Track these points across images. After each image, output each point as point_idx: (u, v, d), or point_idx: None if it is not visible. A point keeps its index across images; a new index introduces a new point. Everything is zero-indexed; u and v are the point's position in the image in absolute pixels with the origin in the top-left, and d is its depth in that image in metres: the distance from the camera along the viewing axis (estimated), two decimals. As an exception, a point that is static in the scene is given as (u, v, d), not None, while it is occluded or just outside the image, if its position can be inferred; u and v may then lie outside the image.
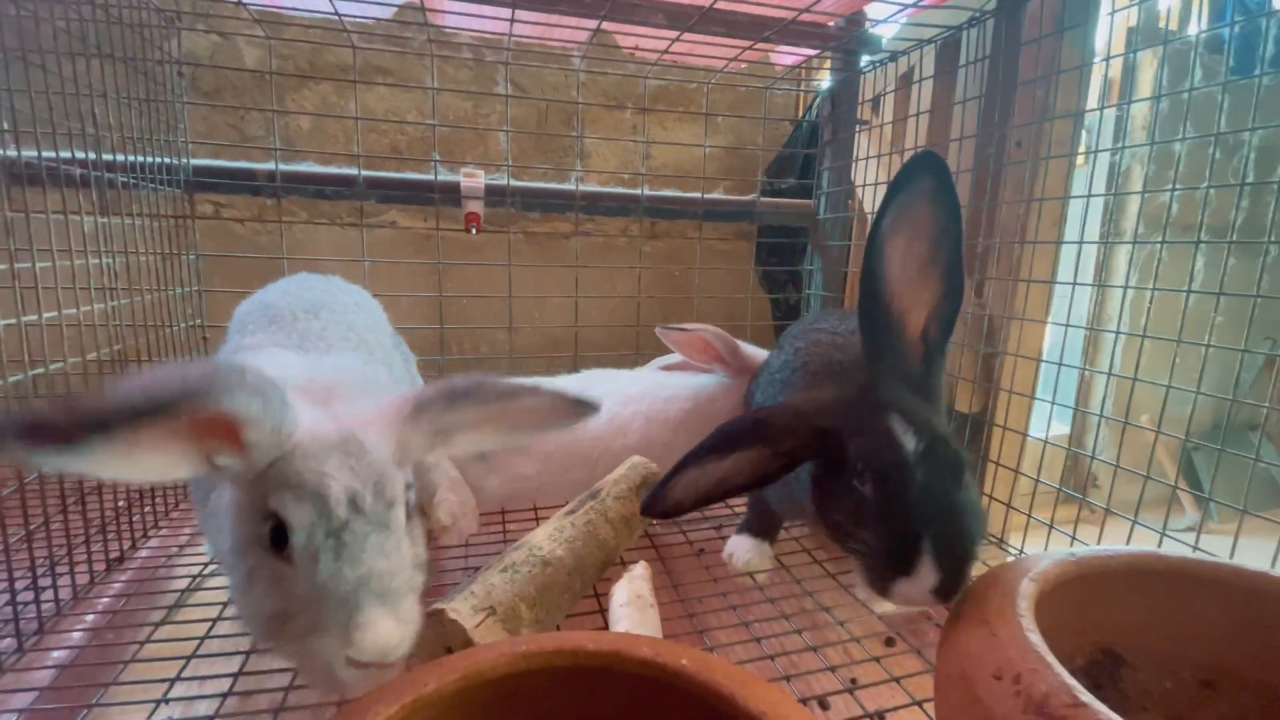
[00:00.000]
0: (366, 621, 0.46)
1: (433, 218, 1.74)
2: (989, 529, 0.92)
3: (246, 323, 0.77)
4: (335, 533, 0.48)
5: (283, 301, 0.78)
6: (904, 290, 0.61)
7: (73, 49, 0.90)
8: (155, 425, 0.42)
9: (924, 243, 0.60)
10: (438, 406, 0.55)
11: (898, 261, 0.60)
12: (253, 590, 0.50)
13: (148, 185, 1.07)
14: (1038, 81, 1.03)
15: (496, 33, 1.27)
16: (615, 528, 0.92)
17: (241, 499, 0.51)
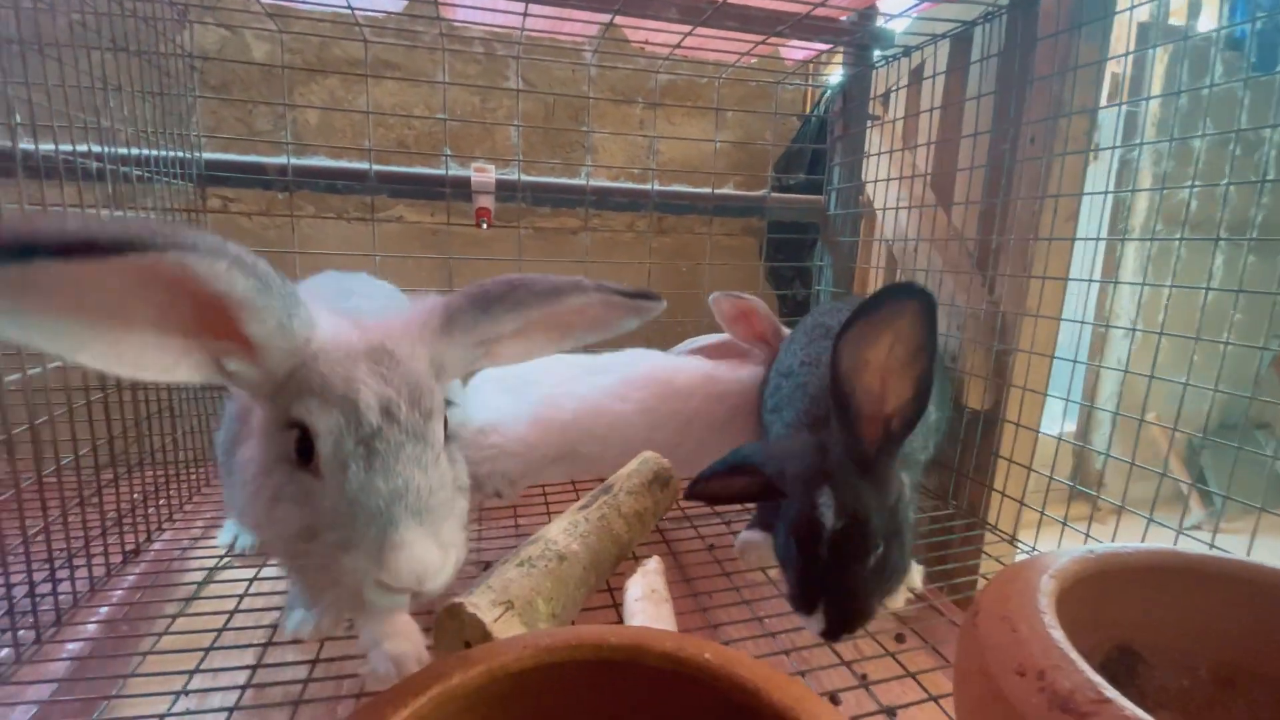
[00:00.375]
0: (401, 541, 0.41)
1: (440, 212, 1.74)
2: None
3: None
4: (366, 440, 0.43)
5: (317, 293, 0.78)
6: (878, 381, 0.68)
7: (88, 42, 0.90)
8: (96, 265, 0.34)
9: (905, 349, 0.67)
10: (471, 314, 0.50)
11: (881, 354, 0.67)
12: (277, 508, 0.45)
13: (161, 179, 1.07)
14: (1053, 77, 1.03)
15: (508, 26, 1.26)
16: (629, 522, 0.92)
17: (265, 413, 0.47)
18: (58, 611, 0.79)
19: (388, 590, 0.42)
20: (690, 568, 1.03)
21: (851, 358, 0.67)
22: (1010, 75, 1.11)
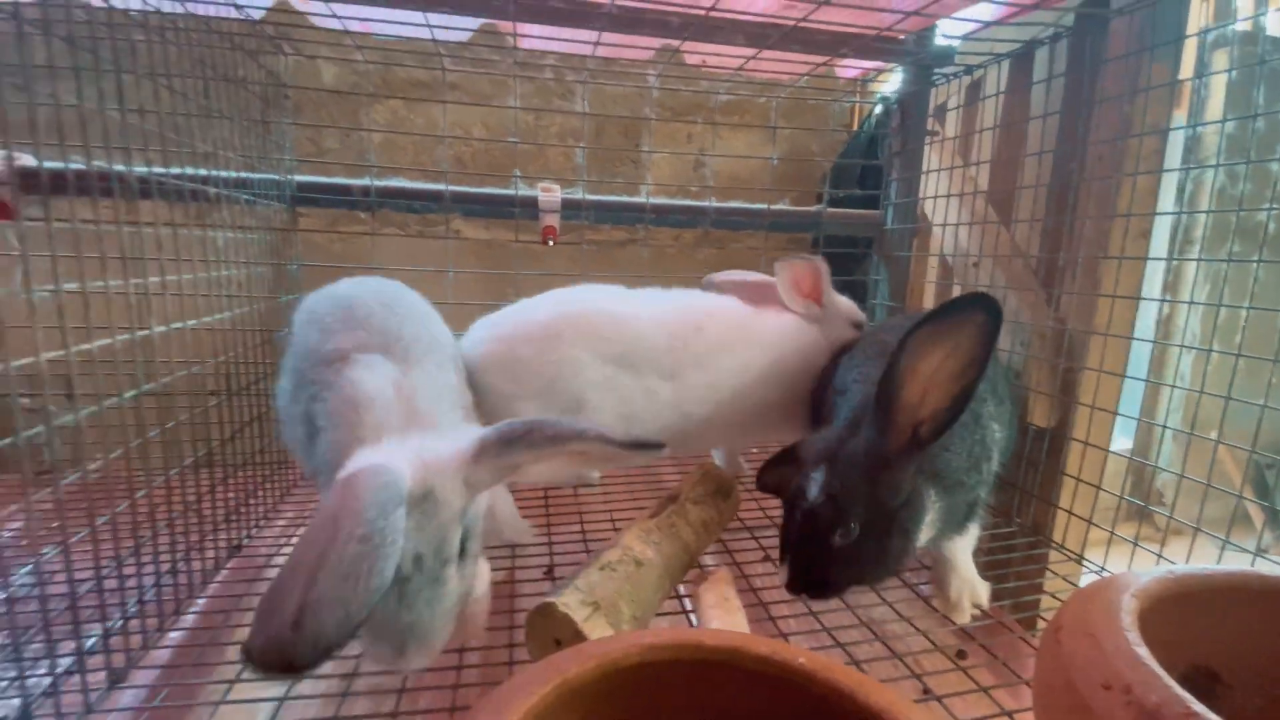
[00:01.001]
0: (407, 656, 0.61)
1: (495, 227, 1.81)
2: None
3: (324, 320, 0.79)
4: (400, 583, 0.59)
5: (358, 298, 0.82)
6: (920, 390, 0.71)
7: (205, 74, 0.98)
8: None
9: (958, 361, 0.69)
10: (497, 449, 0.64)
11: (932, 363, 0.70)
12: None
13: (263, 201, 1.16)
14: (1122, 98, 1.03)
15: (578, 53, 1.32)
16: (695, 531, 0.96)
17: None
18: (177, 601, 0.86)
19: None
20: (753, 578, 1.06)
21: (909, 360, 0.69)
22: (1078, 95, 1.12)
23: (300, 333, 0.83)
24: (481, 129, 2.11)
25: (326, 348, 0.75)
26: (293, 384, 0.79)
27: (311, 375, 0.74)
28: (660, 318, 1.08)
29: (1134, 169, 1.01)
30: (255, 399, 1.14)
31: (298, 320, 0.86)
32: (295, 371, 0.78)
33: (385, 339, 0.76)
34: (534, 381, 0.98)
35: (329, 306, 0.82)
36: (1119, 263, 1.02)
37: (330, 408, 0.70)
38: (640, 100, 2.05)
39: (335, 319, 0.79)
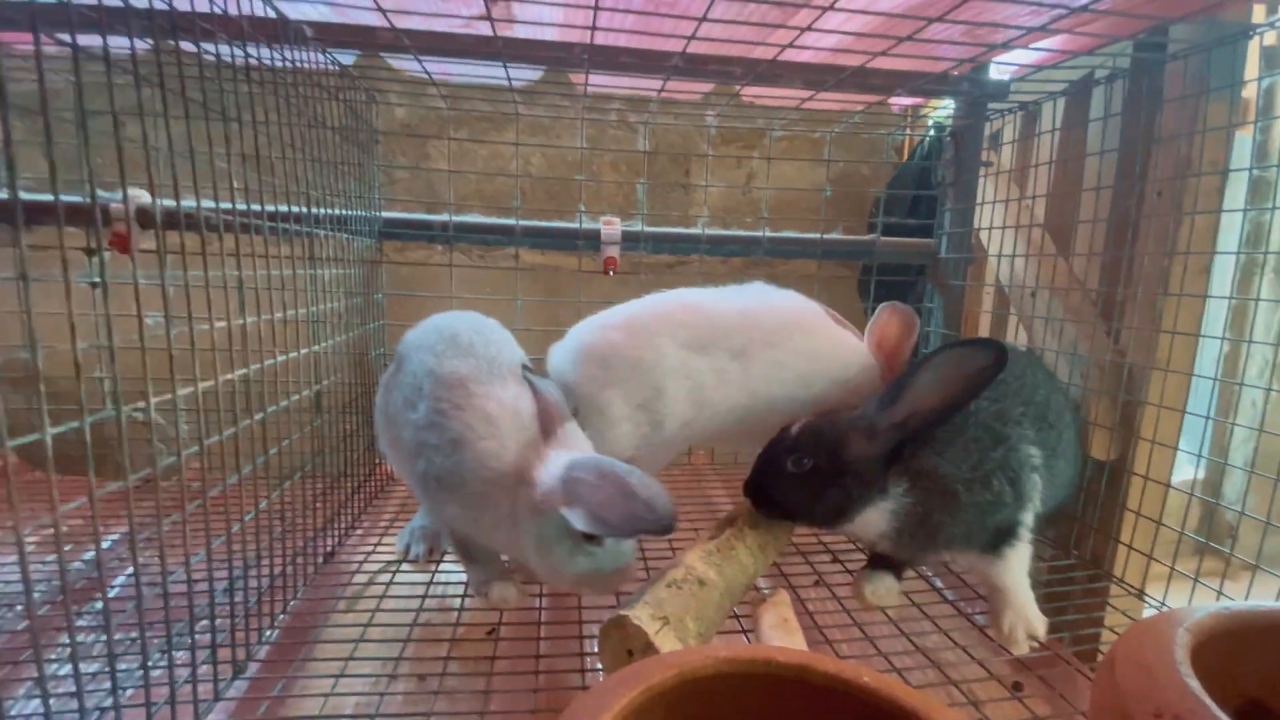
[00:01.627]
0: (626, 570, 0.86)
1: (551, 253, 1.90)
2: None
3: (435, 347, 0.93)
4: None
5: (459, 330, 0.97)
6: (926, 391, 0.84)
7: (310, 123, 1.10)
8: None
9: (954, 389, 0.83)
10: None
11: (940, 376, 0.84)
12: (573, 560, 0.82)
13: (359, 237, 1.28)
14: (1180, 138, 1.05)
15: (641, 97, 1.40)
16: (753, 554, 1.00)
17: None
18: (285, 602, 0.96)
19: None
20: (808, 601, 1.10)
21: (926, 368, 0.83)
22: (1135, 133, 1.13)
23: (413, 357, 0.95)
24: (540, 158, 2.22)
25: (445, 370, 0.89)
26: (411, 394, 0.91)
27: (433, 390, 0.88)
28: (736, 298, 1.14)
29: (1193, 207, 1.03)
30: (351, 416, 1.25)
31: (410, 346, 0.98)
32: (413, 386, 0.91)
33: (490, 365, 0.91)
34: (621, 369, 1.04)
35: (436, 337, 0.95)
36: (1179, 300, 1.03)
37: (470, 420, 0.85)
38: (694, 132, 2.13)
39: (445, 346, 0.93)
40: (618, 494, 0.76)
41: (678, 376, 1.05)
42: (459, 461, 0.85)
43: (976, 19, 0.96)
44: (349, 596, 1.04)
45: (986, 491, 0.85)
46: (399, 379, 0.97)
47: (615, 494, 0.76)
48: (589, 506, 0.76)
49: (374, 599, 1.00)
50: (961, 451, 0.86)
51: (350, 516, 1.26)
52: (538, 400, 0.89)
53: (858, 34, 1.09)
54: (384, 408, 1.02)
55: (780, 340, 1.09)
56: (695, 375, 1.06)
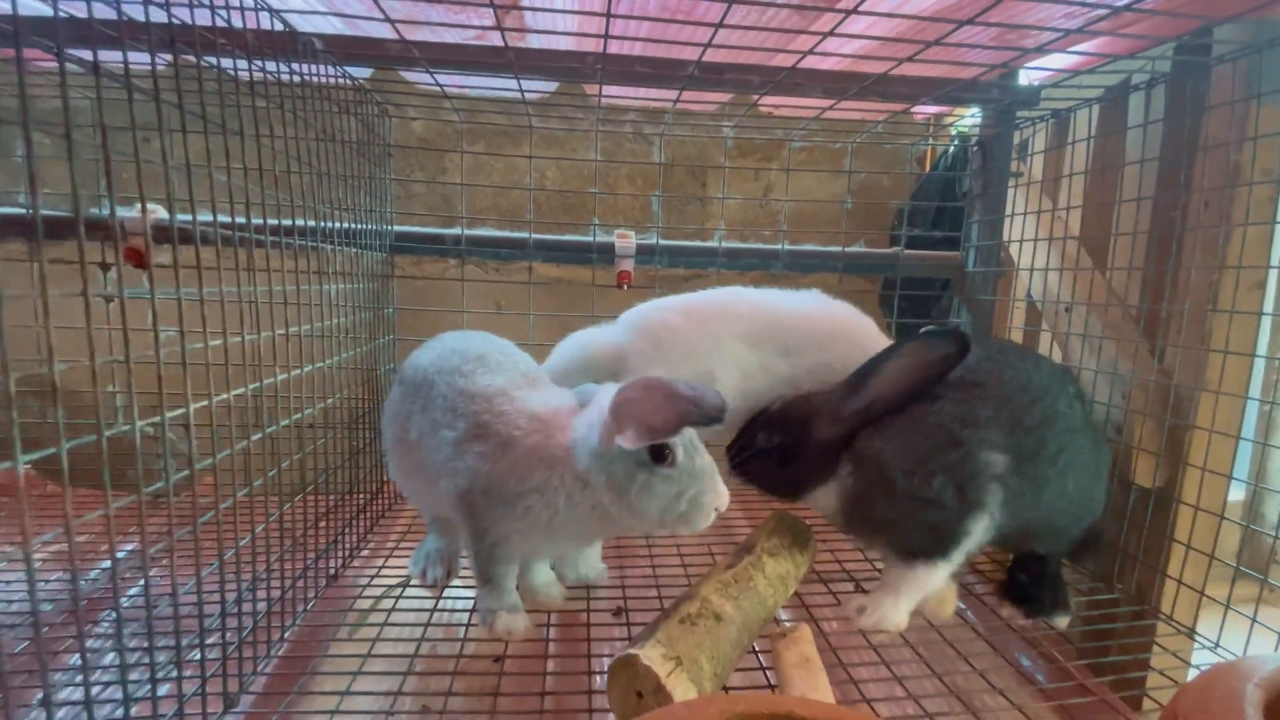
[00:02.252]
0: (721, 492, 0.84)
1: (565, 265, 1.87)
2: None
3: (463, 368, 0.93)
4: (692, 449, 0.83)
5: (485, 350, 0.96)
6: (891, 379, 0.88)
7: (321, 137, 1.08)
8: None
9: (917, 377, 0.88)
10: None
11: (898, 365, 0.88)
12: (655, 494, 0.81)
13: (369, 250, 1.26)
14: (1229, 145, 0.99)
15: (656, 109, 1.37)
16: (773, 585, 0.95)
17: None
18: (284, 629, 0.92)
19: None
20: (831, 635, 1.03)
21: (893, 356, 0.88)
22: (1179, 141, 1.07)
23: (438, 382, 0.94)
24: (555, 171, 2.20)
25: (479, 385, 0.90)
26: (442, 417, 0.90)
27: (469, 407, 0.88)
28: (794, 300, 1.17)
29: (1244, 219, 0.96)
30: (359, 432, 1.22)
31: (427, 371, 0.96)
32: (445, 409, 0.90)
33: (524, 377, 0.94)
34: (676, 350, 1.07)
35: (460, 360, 0.95)
36: (1230, 317, 0.97)
37: (517, 420, 0.86)
38: (711, 143, 2.10)
39: (474, 366, 0.93)
40: (663, 399, 0.75)
41: (729, 365, 1.08)
42: (512, 462, 0.84)
43: (1010, 21, 0.91)
44: (351, 624, 1.00)
45: (926, 488, 0.86)
46: (424, 405, 0.94)
47: (661, 400, 0.76)
48: (637, 421, 0.76)
49: (376, 625, 0.96)
50: (909, 444, 0.87)
51: (356, 536, 1.23)
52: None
53: (883, 38, 1.04)
54: (400, 436, 0.99)
55: (830, 345, 1.11)
56: (745, 366, 1.09)
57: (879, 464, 0.88)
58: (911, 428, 0.88)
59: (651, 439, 0.77)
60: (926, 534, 0.88)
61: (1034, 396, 0.89)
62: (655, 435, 0.77)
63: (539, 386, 0.93)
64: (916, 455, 0.86)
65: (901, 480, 0.86)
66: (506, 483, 0.84)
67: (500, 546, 0.88)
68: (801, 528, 1.06)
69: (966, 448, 0.85)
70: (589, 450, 0.81)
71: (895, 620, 0.93)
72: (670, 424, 0.76)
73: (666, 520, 0.83)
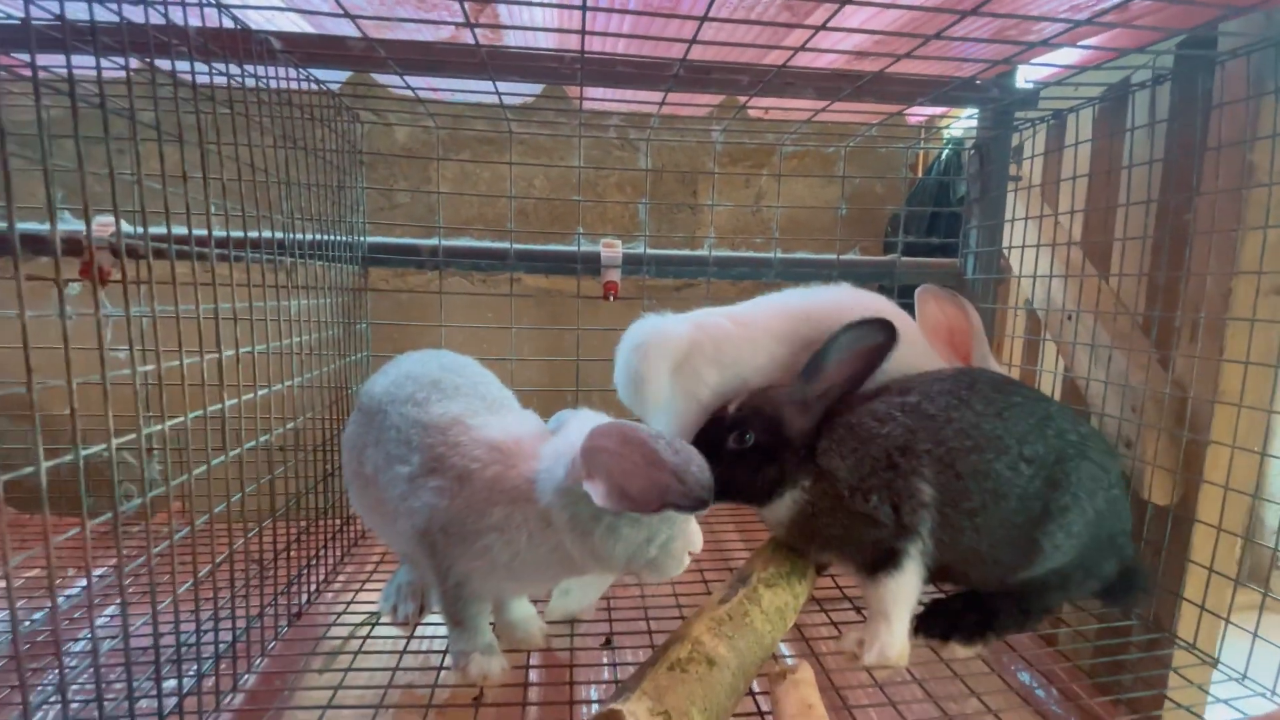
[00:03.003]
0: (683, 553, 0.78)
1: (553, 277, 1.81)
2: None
3: (416, 396, 0.86)
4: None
5: (440, 375, 0.89)
6: (837, 369, 0.92)
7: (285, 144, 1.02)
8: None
9: (858, 364, 0.93)
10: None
11: (840, 352, 0.92)
12: (619, 541, 0.74)
13: (338, 263, 1.19)
14: (1243, 144, 0.93)
15: (641, 112, 1.31)
16: (770, 620, 0.88)
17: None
18: (237, 677, 0.84)
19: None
20: (833, 672, 0.97)
21: (835, 347, 0.91)
22: (1187, 141, 1.02)
23: (390, 412, 0.86)
24: (543, 180, 2.14)
25: (433, 415, 0.83)
26: (396, 450, 0.83)
27: (428, 440, 0.81)
28: (824, 293, 1.14)
29: (1262, 221, 0.91)
30: (331, 456, 1.15)
31: (381, 400, 0.89)
32: (398, 441, 0.83)
33: (485, 402, 0.86)
34: (728, 355, 1.04)
35: (414, 386, 0.87)
36: (1251, 325, 0.91)
37: (474, 451, 0.78)
38: (700, 150, 2.05)
39: (428, 393, 0.86)
40: (642, 462, 0.67)
41: (766, 370, 1.05)
42: (469, 497, 0.77)
43: (1012, 12, 0.86)
44: (317, 668, 0.92)
45: (865, 504, 0.86)
46: (377, 436, 0.87)
47: (639, 462, 0.67)
48: (609, 479, 0.67)
49: (342, 668, 0.89)
50: (858, 462, 0.88)
51: (326, 567, 1.15)
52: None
53: (878, 32, 0.99)
54: (356, 469, 0.92)
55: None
56: (781, 363, 1.05)
57: (834, 479, 0.88)
58: (862, 447, 0.88)
59: (624, 508, 0.68)
60: (870, 550, 0.88)
61: (974, 446, 0.85)
62: (629, 506, 0.68)
63: (501, 411, 0.86)
64: (862, 473, 0.88)
65: (847, 498, 0.88)
66: (465, 519, 0.76)
67: (465, 586, 0.81)
68: (797, 559, 1.00)
69: (901, 471, 0.86)
70: (553, 484, 0.74)
71: (896, 651, 0.87)
72: (649, 500, 0.67)
73: (634, 566, 0.76)
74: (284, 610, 0.98)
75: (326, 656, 0.94)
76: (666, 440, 0.69)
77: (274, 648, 0.94)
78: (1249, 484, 0.94)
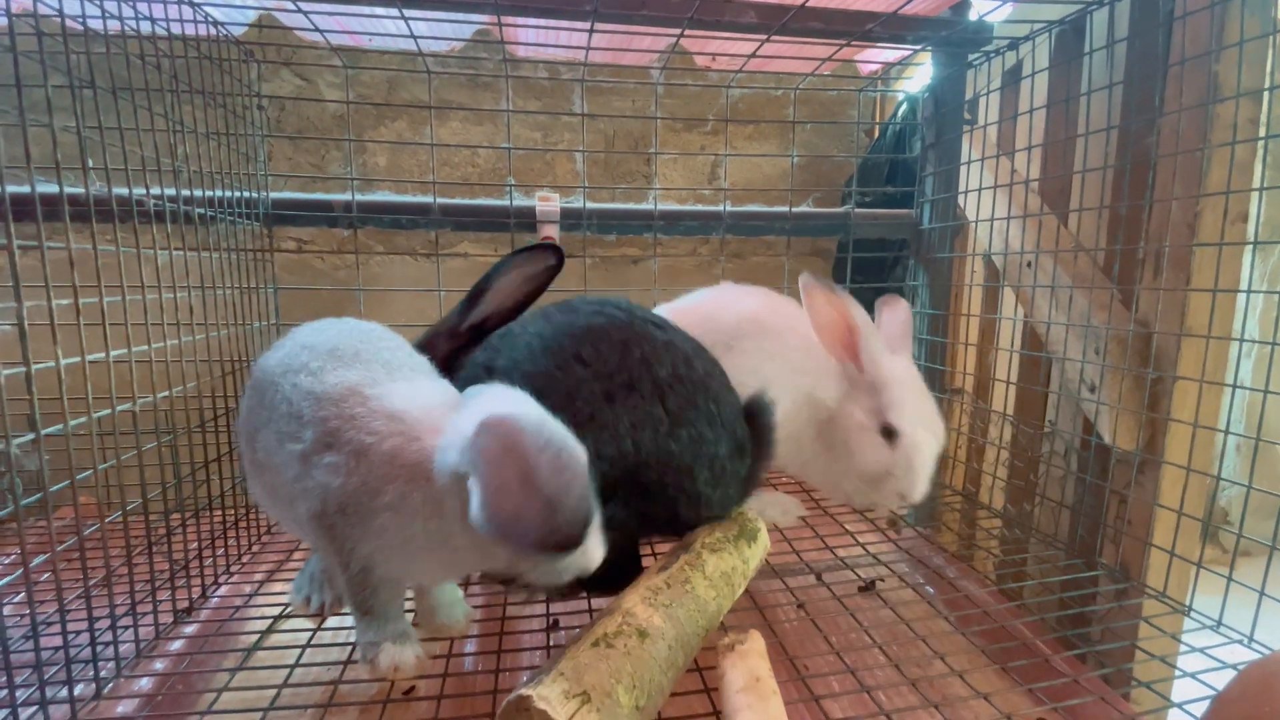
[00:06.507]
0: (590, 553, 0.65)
1: (505, 247, 1.70)
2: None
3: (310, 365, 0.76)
4: None
5: (338, 342, 0.79)
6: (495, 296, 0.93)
7: (163, 84, 0.89)
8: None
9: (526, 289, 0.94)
10: None
11: (507, 280, 0.93)
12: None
13: (227, 218, 1.05)
14: (1209, 56, 0.87)
15: (571, 60, 1.21)
16: (715, 586, 0.79)
17: None
18: (98, 681, 0.73)
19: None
20: (788, 640, 0.90)
21: (497, 275, 0.92)
22: (1149, 60, 0.96)
23: (279, 387, 0.76)
24: (488, 154, 2.02)
25: (328, 385, 0.73)
26: (287, 427, 0.73)
27: (316, 414, 0.71)
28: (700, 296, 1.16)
29: (1232, 138, 0.85)
30: (218, 436, 1.03)
31: (272, 373, 0.78)
32: (288, 416, 0.73)
33: (387, 369, 0.76)
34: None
35: (309, 355, 0.77)
36: (1219, 251, 0.85)
37: (371, 424, 0.68)
38: (647, 106, 1.94)
39: (323, 362, 0.76)
40: (516, 481, 0.53)
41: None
42: (366, 473, 0.67)
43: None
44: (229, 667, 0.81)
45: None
46: (269, 415, 0.77)
47: (513, 480, 0.53)
48: (484, 491, 0.54)
49: (229, 670, 0.78)
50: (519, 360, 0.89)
51: (227, 558, 1.03)
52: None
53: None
54: (251, 456, 0.81)
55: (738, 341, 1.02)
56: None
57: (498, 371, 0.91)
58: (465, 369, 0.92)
59: (490, 533, 0.53)
60: None
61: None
62: (494, 532, 0.53)
63: (405, 377, 0.75)
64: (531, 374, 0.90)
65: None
66: (361, 498, 0.66)
67: (371, 571, 0.71)
68: (748, 517, 0.92)
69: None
70: (447, 466, 0.62)
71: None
72: (510, 532, 0.53)
73: (521, 572, 0.67)
74: (166, 606, 0.86)
75: (241, 654, 0.82)
76: (555, 452, 0.56)
77: (177, 646, 0.83)
78: (1218, 421, 0.89)
